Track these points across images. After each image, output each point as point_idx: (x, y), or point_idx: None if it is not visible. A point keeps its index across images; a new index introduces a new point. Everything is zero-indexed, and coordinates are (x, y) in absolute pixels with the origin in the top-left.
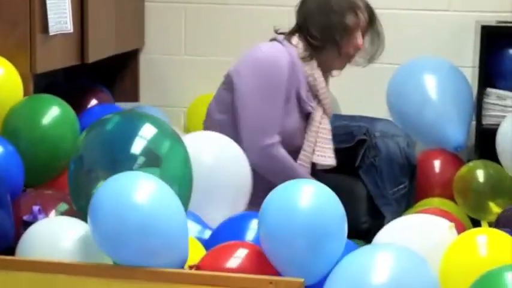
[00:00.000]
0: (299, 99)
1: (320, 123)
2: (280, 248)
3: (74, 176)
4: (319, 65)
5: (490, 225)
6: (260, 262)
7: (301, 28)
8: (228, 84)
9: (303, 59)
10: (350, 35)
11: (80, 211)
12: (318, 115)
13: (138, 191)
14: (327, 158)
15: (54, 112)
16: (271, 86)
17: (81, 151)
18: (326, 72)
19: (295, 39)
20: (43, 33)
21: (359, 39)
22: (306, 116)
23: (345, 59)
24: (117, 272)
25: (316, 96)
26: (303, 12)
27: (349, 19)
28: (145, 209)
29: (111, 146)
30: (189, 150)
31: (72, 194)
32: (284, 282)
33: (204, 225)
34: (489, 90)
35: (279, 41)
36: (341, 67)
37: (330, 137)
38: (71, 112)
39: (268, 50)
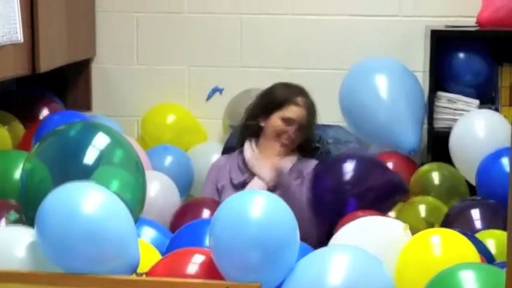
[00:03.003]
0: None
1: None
2: (233, 260)
3: (25, 187)
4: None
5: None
6: (216, 268)
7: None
8: None
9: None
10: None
11: (29, 221)
12: (254, 184)
13: (85, 200)
14: None
15: None
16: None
17: (34, 162)
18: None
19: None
20: None
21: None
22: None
23: (275, 139)
24: (70, 280)
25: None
26: None
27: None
28: (92, 218)
29: (62, 156)
30: None
31: (22, 203)
32: (241, 287)
33: (164, 232)
34: (440, 93)
35: None
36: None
37: None
38: None
39: None
